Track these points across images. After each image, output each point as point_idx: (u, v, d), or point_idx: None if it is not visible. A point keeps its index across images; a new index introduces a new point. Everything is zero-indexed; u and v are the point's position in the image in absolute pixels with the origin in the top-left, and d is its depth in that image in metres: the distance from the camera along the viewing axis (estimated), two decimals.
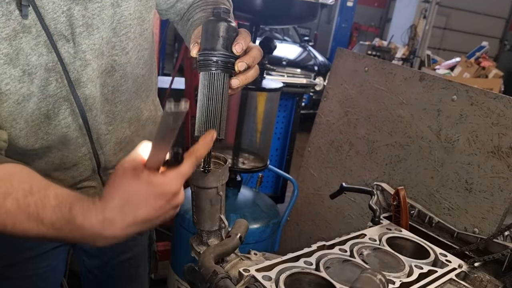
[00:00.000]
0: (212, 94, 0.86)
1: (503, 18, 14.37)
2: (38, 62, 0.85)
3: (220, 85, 0.86)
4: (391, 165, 1.77)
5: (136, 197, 0.70)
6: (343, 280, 0.83)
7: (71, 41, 0.88)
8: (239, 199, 2.08)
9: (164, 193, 0.72)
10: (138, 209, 0.70)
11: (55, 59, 0.88)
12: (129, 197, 0.70)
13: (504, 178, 1.34)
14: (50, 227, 0.72)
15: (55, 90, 0.90)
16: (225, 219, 0.96)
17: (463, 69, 7.33)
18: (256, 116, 2.08)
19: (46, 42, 0.85)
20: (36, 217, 0.71)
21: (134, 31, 1.00)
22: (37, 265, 1.19)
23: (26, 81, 0.84)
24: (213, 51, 0.85)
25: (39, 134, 0.93)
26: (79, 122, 0.98)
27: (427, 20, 7.11)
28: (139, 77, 1.08)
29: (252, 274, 0.81)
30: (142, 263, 1.46)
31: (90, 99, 0.96)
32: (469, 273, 0.98)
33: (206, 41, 0.86)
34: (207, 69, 0.86)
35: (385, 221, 1.15)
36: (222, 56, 0.85)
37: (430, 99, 1.64)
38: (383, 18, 14.59)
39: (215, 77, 0.86)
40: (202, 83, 0.87)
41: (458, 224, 1.42)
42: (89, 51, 0.91)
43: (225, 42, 0.85)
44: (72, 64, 0.90)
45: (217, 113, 0.86)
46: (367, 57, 2.00)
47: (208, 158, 0.87)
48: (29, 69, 0.84)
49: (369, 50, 8.25)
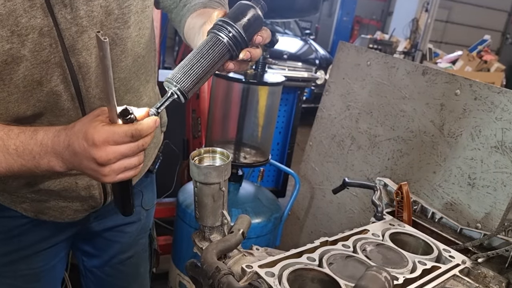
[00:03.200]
0: (208, 55, 0.86)
1: (505, 12, 14.29)
2: (29, 24, 0.83)
3: (218, 53, 0.87)
4: (393, 159, 1.77)
5: (80, 133, 0.79)
6: (346, 276, 0.83)
7: (69, 6, 0.86)
8: (240, 194, 2.08)
9: (87, 137, 0.78)
10: (74, 142, 0.80)
11: (50, 23, 0.86)
12: (78, 130, 0.80)
13: (508, 173, 1.34)
14: (15, 153, 0.83)
15: (48, 55, 0.88)
16: (228, 214, 0.95)
17: (465, 63, 7.30)
18: (258, 110, 2.07)
19: (42, 5, 0.83)
20: (2, 148, 0.82)
21: (136, 5, 0.98)
22: (33, 265, 1.18)
23: (16, 42, 0.83)
24: (233, 25, 0.87)
25: (30, 101, 0.92)
26: (71, 91, 0.95)
27: (429, 13, 7.06)
28: (140, 57, 1.06)
29: (255, 270, 0.81)
30: (143, 262, 1.44)
31: (84, 68, 0.94)
32: (473, 269, 0.98)
33: (232, 14, 0.89)
34: (218, 34, 0.87)
35: (388, 217, 1.14)
36: (238, 34, 0.87)
37: (433, 93, 1.62)
38: (384, 11, 14.51)
39: (220, 45, 0.87)
40: (205, 42, 0.88)
41: (460, 219, 1.42)
42: (86, 18, 0.89)
43: (247, 26, 0.88)
44: (68, 29, 0.88)
45: (200, 72, 0.86)
46: (369, 51, 1.99)
47: (160, 104, 0.87)
48: (18, 30, 0.82)
49: (370, 44, 8.20)
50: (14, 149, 0.83)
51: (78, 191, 1.08)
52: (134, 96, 1.11)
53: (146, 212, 1.37)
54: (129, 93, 1.08)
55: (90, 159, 0.78)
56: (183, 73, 0.85)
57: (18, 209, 1.08)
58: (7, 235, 1.12)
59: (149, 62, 1.13)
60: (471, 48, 7.78)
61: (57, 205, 1.10)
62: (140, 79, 1.11)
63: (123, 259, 1.36)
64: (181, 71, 0.85)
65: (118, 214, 1.27)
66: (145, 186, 1.32)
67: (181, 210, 2.05)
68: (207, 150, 0.94)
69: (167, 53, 6.92)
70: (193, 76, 0.85)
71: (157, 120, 0.82)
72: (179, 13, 1.19)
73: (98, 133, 0.77)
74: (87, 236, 1.27)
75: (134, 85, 1.10)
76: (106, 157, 0.78)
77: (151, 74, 1.17)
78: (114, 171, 0.80)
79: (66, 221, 1.14)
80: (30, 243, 1.15)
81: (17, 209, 1.08)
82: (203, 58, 0.86)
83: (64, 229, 1.19)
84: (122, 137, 0.78)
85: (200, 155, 0.93)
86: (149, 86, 1.17)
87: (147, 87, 1.16)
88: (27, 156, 0.83)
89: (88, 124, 0.79)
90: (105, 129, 0.77)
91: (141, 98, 1.14)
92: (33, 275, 1.19)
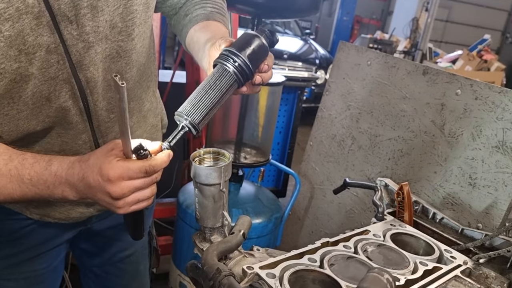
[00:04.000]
0: (215, 87, 0.88)
1: (505, 11, 14.28)
2: (36, 42, 0.83)
3: (227, 84, 0.89)
4: (394, 159, 1.76)
5: (95, 167, 0.81)
6: (347, 277, 0.82)
7: (75, 22, 0.87)
8: (241, 194, 2.07)
9: (102, 173, 0.79)
10: (89, 176, 0.81)
11: (57, 40, 0.86)
12: (93, 164, 0.82)
13: (509, 173, 1.33)
14: (29, 183, 0.84)
15: (56, 72, 0.89)
16: (228, 215, 0.95)
17: (465, 62, 7.30)
18: (258, 110, 2.07)
19: (49, 22, 0.83)
20: (17, 178, 0.84)
21: (140, 17, 0.98)
22: (36, 267, 1.18)
23: (24, 61, 0.83)
24: (239, 55, 0.89)
25: (39, 117, 0.92)
26: (79, 105, 0.96)
27: (429, 13, 7.06)
28: (141, 66, 1.07)
29: (256, 272, 0.81)
30: (143, 260, 1.45)
31: (92, 82, 0.95)
32: (474, 270, 0.98)
33: (238, 43, 0.91)
34: (225, 64, 0.89)
35: (389, 217, 1.14)
36: (244, 64, 0.89)
37: (433, 93, 1.62)
38: (384, 11, 14.50)
39: (227, 75, 0.89)
40: (213, 74, 0.90)
41: (461, 219, 1.41)
42: (92, 33, 0.90)
43: (252, 55, 0.90)
44: (74, 46, 0.89)
45: (209, 104, 0.87)
46: (370, 51, 1.99)
47: (172, 137, 0.88)
48: (25, 48, 0.82)
49: (370, 43, 8.20)
50: (28, 179, 0.85)
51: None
52: (137, 104, 1.12)
53: (146, 210, 1.37)
54: (132, 102, 1.09)
55: (105, 193, 0.81)
56: (193, 106, 0.86)
57: (23, 211, 1.08)
58: (10, 237, 1.12)
59: (149, 68, 1.14)
60: (471, 48, 7.77)
61: (63, 207, 1.10)
62: (142, 87, 1.12)
63: (123, 257, 1.37)
64: (190, 104, 0.87)
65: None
66: None
67: (181, 210, 2.05)
68: (208, 151, 0.94)
69: (167, 53, 6.91)
70: (202, 108, 0.87)
71: (170, 154, 0.85)
72: (180, 22, 1.19)
73: (113, 169, 0.79)
74: (88, 235, 1.28)
75: (137, 93, 1.11)
76: (120, 191, 0.80)
77: (151, 79, 1.17)
78: (128, 203, 0.82)
79: (70, 222, 1.14)
80: (34, 244, 1.15)
81: (22, 212, 1.08)
82: (211, 90, 0.88)
83: (67, 230, 1.19)
84: (136, 173, 0.80)
85: (201, 156, 0.93)
86: (150, 92, 1.18)
87: (148, 93, 1.17)
88: (41, 186, 0.85)
89: (103, 158, 0.81)
90: (119, 165, 0.79)
91: (143, 104, 1.15)
92: (35, 277, 1.19)
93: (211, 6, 1.19)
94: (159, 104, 1.29)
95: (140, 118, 1.15)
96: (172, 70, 2.90)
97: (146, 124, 1.19)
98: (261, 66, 0.93)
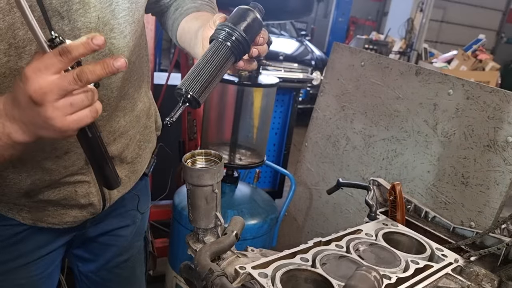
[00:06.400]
0: (213, 60, 0.88)
1: (499, 11, 14.35)
2: (26, 36, 0.83)
3: (224, 57, 0.89)
4: (388, 159, 1.77)
5: (19, 79, 0.72)
6: (339, 276, 0.83)
7: (66, 18, 0.87)
8: (236, 195, 2.08)
9: (21, 77, 0.71)
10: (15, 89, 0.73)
11: (48, 36, 0.86)
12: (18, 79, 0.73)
13: (500, 171, 1.35)
14: None
15: None
16: (221, 216, 0.96)
17: (460, 62, 7.32)
18: (253, 112, 2.08)
19: (40, 17, 0.83)
20: None
21: (133, 15, 0.99)
22: (31, 273, 1.16)
23: (13, 55, 0.83)
24: (235, 29, 0.89)
25: None
26: None
27: (424, 13, 7.09)
28: (130, 63, 1.07)
29: (248, 272, 0.81)
30: (139, 265, 1.43)
31: None
32: (465, 268, 0.99)
33: (233, 18, 0.92)
34: (222, 39, 0.90)
35: (381, 216, 1.15)
36: (240, 37, 0.90)
37: (426, 93, 1.63)
38: (380, 12, 14.55)
39: (224, 49, 0.89)
40: (209, 48, 0.90)
41: (454, 218, 1.42)
42: (84, 29, 0.90)
43: (248, 28, 0.90)
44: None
45: (208, 77, 0.88)
46: (363, 52, 2.00)
47: (174, 113, 0.86)
48: (15, 42, 0.82)
49: (366, 44, 8.23)
50: None
51: (78, 199, 1.08)
52: (129, 103, 1.12)
53: (141, 215, 1.37)
54: (123, 100, 1.09)
55: (28, 101, 0.71)
56: (192, 80, 0.86)
57: (15, 217, 1.07)
58: (3, 243, 1.10)
59: (140, 68, 1.14)
60: (466, 48, 7.80)
61: (56, 212, 1.09)
62: (134, 85, 1.12)
63: (119, 263, 1.35)
64: (189, 79, 0.87)
65: (113, 217, 1.28)
66: (140, 189, 1.33)
67: (177, 212, 2.05)
68: (200, 152, 0.94)
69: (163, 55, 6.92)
70: (202, 81, 0.87)
71: (90, 36, 0.70)
72: (170, 17, 1.20)
73: (28, 66, 0.71)
74: (82, 241, 1.27)
75: (129, 92, 1.10)
76: (39, 89, 0.69)
77: (143, 79, 1.17)
78: (60, 110, 0.71)
79: (64, 227, 1.13)
80: (28, 250, 1.13)
81: (14, 217, 1.07)
82: (209, 63, 0.88)
83: (62, 235, 1.18)
84: (50, 58, 0.70)
85: (193, 157, 0.93)
86: (142, 92, 1.18)
87: (140, 93, 1.17)
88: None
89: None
90: (34, 60, 0.71)
91: (136, 104, 1.15)
92: (30, 284, 1.17)
93: (200, 0, 1.20)
94: (152, 105, 1.29)
95: (133, 118, 1.15)
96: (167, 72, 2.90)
97: (139, 125, 1.19)
98: (257, 39, 0.94)
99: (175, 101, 0.88)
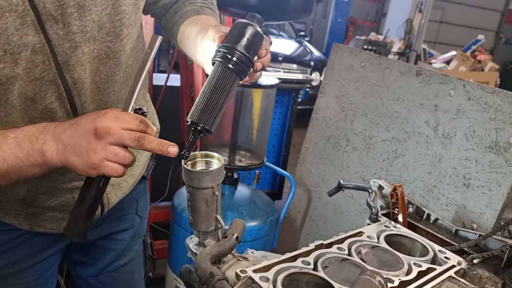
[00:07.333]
0: (219, 86, 0.87)
1: (498, 11, 14.37)
2: (21, 41, 0.82)
3: (230, 81, 0.88)
4: (388, 161, 1.76)
5: (93, 112, 0.84)
6: (341, 279, 0.82)
7: (61, 22, 0.85)
8: (236, 197, 2.07)
9: (99, 112, 0.82)
10: (82, 117, 0.83)
11: (42, 40, 0.84)
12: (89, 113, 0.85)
13: (502, 173, 1.34)
14: (13, 142, 0.82)
15: (41, 72, 0.87)
16: (222, 219, 0.95)
17: (459, 63, 7.33)
18: (252, 113, 2.06)
19: (33, 22, 0.82)
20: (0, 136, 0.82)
21: (129, 18, 0.97)
22: (28, 278, 1.14)
23: (9, 61, 0.81)
24: (236, 49, 0.88)
25: (26, 119, 0.90)
26: (66, 108, 0.94)
27: (422, 14, 7.09)
28: (128, 67, 1.06)
29: (249, 275, 0.80)
30: (138, 268, 1.42)
31: (79, 84, 0.93)
32: (468, 270, 0.98)
33: (232, 36, 0.90)
34: (225, 62, 0.88)
35: (383, 218, 1.14)
36: (243, 57, 0.88)
37: (427, 94, 1.63)
38: (379, 12, 14.56)
39: (228, 73, 0.88)
40: (213, 73, 0.89)
41: (456, 220, 1.41)
42: (79, 33, 0.88)
43: (248, 45, 0.89)
44: (60, 46, 0.87)
45: (216, 106, 0.87)
46: (363, 52, 1.99)
47: (188, 145, 0.88)
48: (10, 48, 0.81)
49: (365, 45, 8.23)
50: (13, 137, 0.83)
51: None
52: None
53: (140, 218, 1.36)
54: (120, 104, 1.08)
55: (90, 130, 0.79)
56: (201, 111, 0.87)
57: (12, 222, 1.06)
58: (0, 249, 1.09)
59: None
60: (465, 48, 7.81)
61: (54, 217, 1.08)
62: None
63: (118, 267, 1.34)
64: (198, 110, 0.87)
65: (112, 221, 1.26)
66: (139, 193, 1.31)
67: (176, 214, 2.04)
68: (200, 154, 0.93)
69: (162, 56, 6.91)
70: (211, 111, 0.87)
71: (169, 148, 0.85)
72: (170, 20, 1.19)
73: (113, 110, 0.82)
74: (80, 245, 1.26)
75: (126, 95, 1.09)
76: (108, 128, 0.79)
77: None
78: (106, 151, 0.79)
79: (62, 232, 1.12)
80: (25, 255, 1.12)
81: (11, 222, 1.06)
82: (216, 91, 0.87)
83: (59, 240, 1.17)
84: (132, 118, 0.81)
85: (193, 160, 0.92)
86: (139, 95, 1.17)
87: (138, 96, 1.16)
88: (24, 143, 0.82)
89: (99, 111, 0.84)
90: (117, 109, 0.84)
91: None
92: None
93: (201, 2, 1.19)
94: (150, 108, 1.28)
95: None
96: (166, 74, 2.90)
97: None
98: (260, 52, 0.92)
99: (174, 101, 0.88)
